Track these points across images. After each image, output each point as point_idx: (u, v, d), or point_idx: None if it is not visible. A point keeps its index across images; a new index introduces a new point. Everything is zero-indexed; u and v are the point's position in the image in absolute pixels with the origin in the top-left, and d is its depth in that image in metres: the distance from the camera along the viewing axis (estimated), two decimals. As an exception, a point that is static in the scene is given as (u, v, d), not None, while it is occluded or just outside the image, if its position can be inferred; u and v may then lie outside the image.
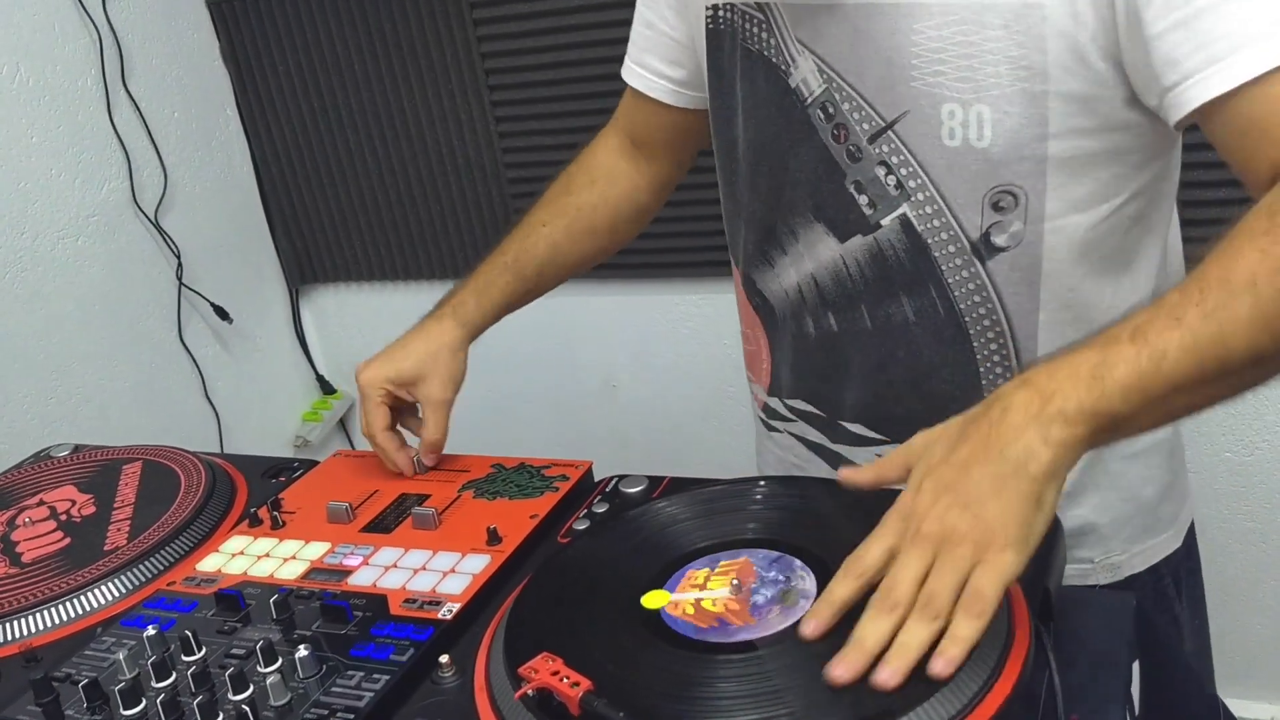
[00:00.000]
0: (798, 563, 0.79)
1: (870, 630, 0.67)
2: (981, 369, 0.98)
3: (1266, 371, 0.72)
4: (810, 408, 1.10)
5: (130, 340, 2.07)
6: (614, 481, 1.01)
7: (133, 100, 2.05)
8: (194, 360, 2.19)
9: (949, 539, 0.68)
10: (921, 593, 0.67)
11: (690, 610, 0.76)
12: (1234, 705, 1.01)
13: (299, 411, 2.49)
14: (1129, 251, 0.95)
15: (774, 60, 0.97)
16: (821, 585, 0.76)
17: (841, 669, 0.66)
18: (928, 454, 0.73)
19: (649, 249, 1.99)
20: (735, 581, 0.78)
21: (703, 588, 0.78)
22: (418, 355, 1.13)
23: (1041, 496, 0.69)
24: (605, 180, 1.22)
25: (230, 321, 2.25)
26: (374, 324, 2.47)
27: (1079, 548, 1.03)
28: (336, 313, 2.51)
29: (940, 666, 0.65)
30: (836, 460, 1.08)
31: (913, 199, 0.93)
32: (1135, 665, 0.81)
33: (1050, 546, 0.81)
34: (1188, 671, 0.92)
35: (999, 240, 0.92)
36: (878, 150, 0.93)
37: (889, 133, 0.91)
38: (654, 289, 2.15)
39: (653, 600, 0.78)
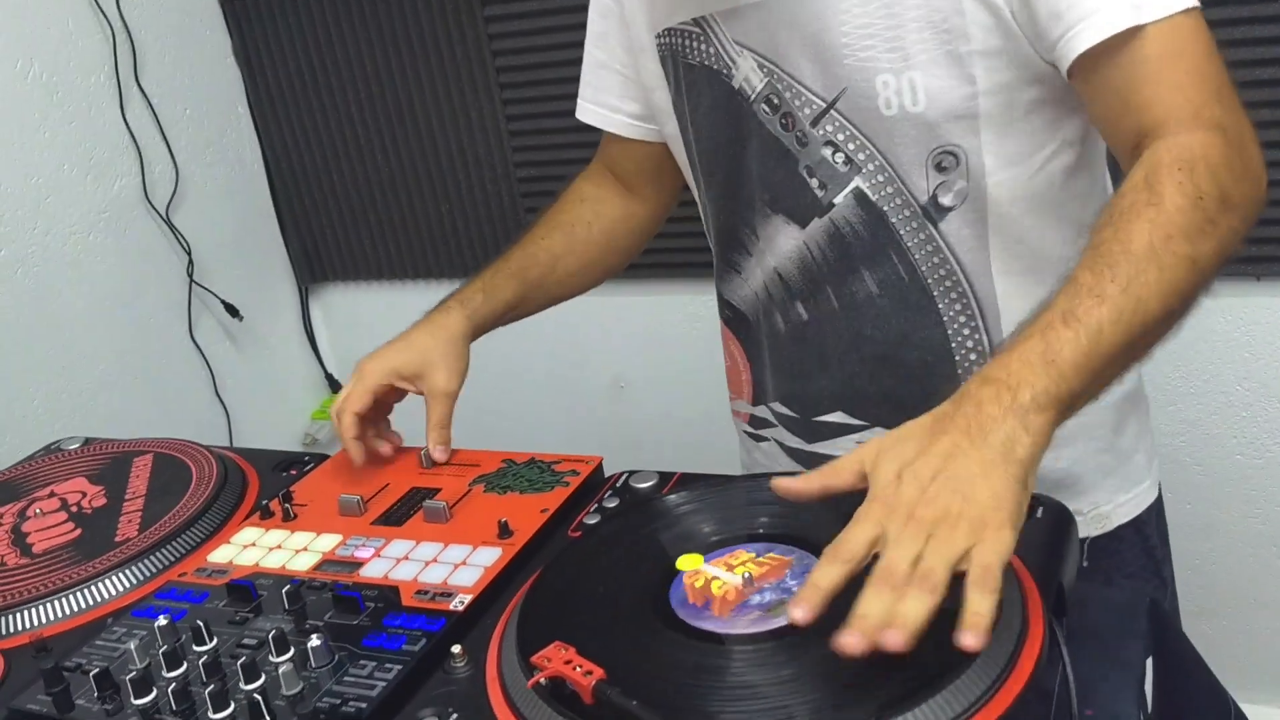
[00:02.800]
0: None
1: (873, 605, 0.66)
2: (949, 330, 1.01)
3: (1170, 328, 0.80)
4: (785, 409, 1.12)
5: (141, 337, 2.07)
6: (624, 477, 1.01)
7: (145, 97, 2.06)
8: (204, 357, 2.19)
9: (943, 521, 0.68)
10: (918, 570, 0.67)
11: (699, 584, 0.77)
12: (1242, 709, 1.02)
13: (308, 409, 2.49)
14: (1069, 199, 0.99)
15: (715, 67, 1.01)
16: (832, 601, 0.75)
17: (851, 639, 0.65)
18: (896, 452, 0.73)
19: (660, 248, 1.96)
20: (747, 574, 0.78)
21: (732, 569, 0.78)
22: (423, 347, 1.13)
23: (1026, 480, 0.72)
24: (594, 199, 1.27)
25: (240, 319, 2.26)
26: (383, 323, 2.44)
27: (1068, 500, 1.02)
28: (346, 311, 2.51)
29: (972, 639, 0.64)
30: (814, 462, 1.08)
31: (863, 170, 0.97)
32: (1149, 662, 0.81)
33: (1063, 541, 0.81)
34: (1201, 669, 0.92)
35: (945, 200, 0.97)
36: (821, 132, 0.97)
37: (831, 112, 0.96)
38: (664, 288, 2.15)
39: (685, 563, 0.80)
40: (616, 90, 1.18)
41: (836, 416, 1.08)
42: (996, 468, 0.70)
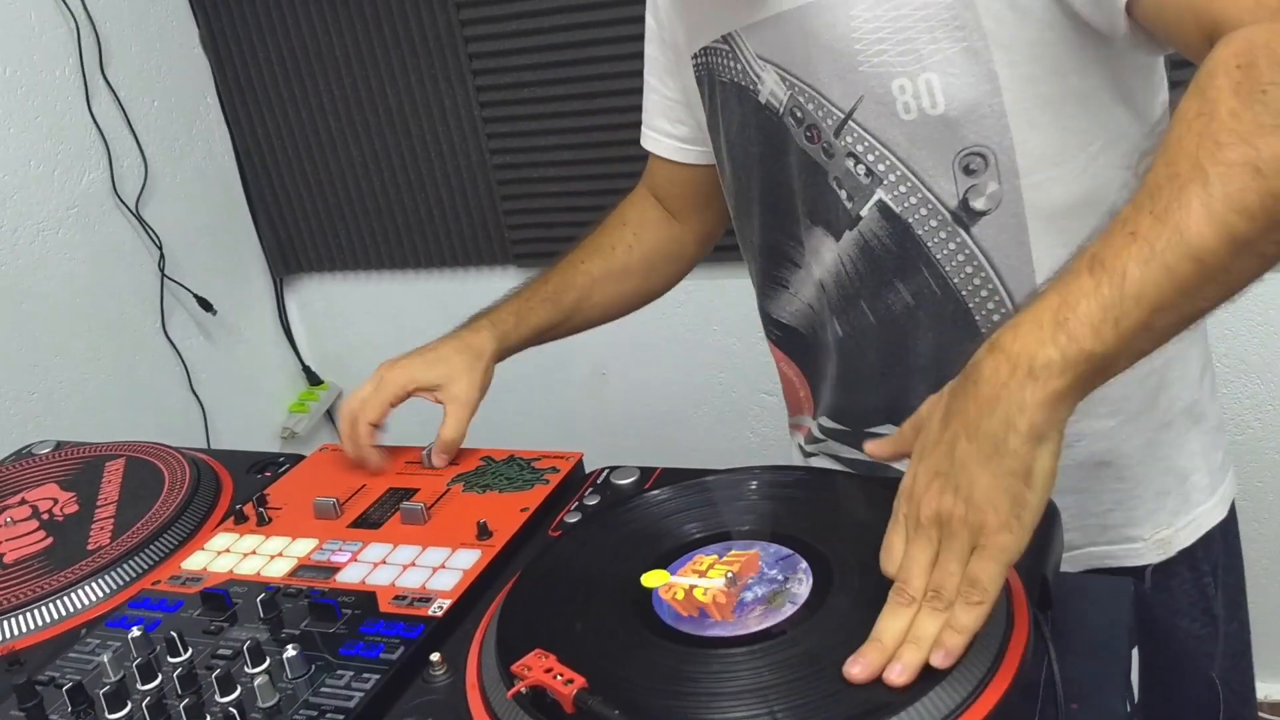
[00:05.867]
0: (803, 564, 0.77)
1: (890, 627, 0.66)
2: None
3: (1256, 257, 0.65)
4: (833, 423, 1.10)
5: (113, 333, 2.04)
6: (605, 473, 1.00)
7: (111, 89, 2.02)
8: (178, 353, 2.16)
9: (946, 524, 0.67)
10: (930, 583, 0.67)
11: (680, 596, 0.75)
12: (1266, 689, 0.98)
13: (285, 403, 2.47)
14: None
15: (743, 84, 1.00)
16: (819, 590, 0.74)
17: (859, 669, 0.65)
18: (926, 429, 0.71)
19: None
20: (730, 574, 0.77)
21: (703, 574, 0.77)
22: (447, 360, 1.12)
23: (1031, 468, 0.66)
24: (637, 223, 1.25)
25: (214, 313, 2.23)
26: (360, 313, 2.45)
27: (1127, 525, 1.02)
28: (322, 302, 2.49)
29: (939, 659, 0.64)
30: (872, 472, 1.07)
31: (884, 181, 0.93)
32: (1135, 652, 0.80)
33: (1046, 535, 0.80)
34: (1187, 656, 0.91)
35: (977, 204, 0.92)
36: (843, 143, 0.94)
37: (850, 123, 0.93)
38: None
39: (652, 579, 0.78)
40: (664, 113, 1.17)
41: (886, 429, 1.04)
42: (990, 461, 0.66)
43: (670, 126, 1.18)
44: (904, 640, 0.66)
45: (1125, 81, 0.90)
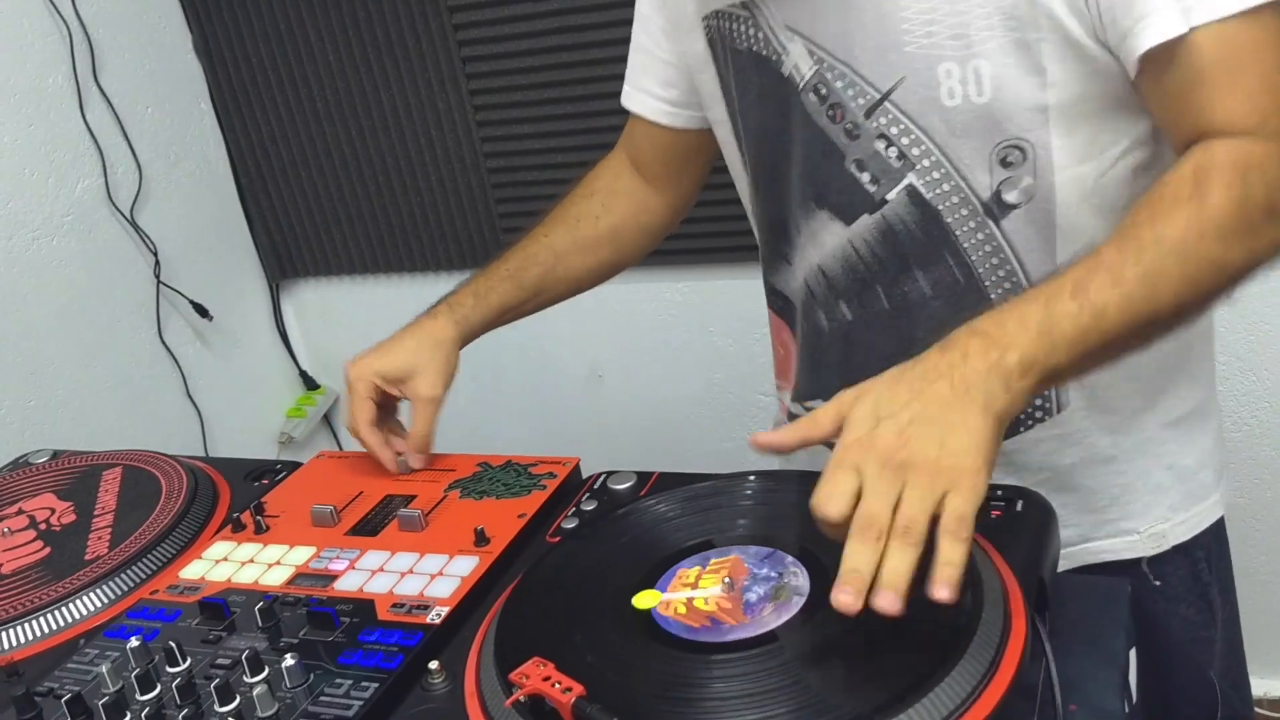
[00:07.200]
0: (789, 558, 0.78)
1: (863, 560, 0.67)
2: None
3: (1181, 324, 0.79)
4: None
5: (109, 341, 2.04)
6: (602, 478, 1.00)
7: (105, 96, 2.02)
8: (175, 359, 2.16)
9: (920, 467, 0.69)
10: (899, 520, 0.67)
11: (682, 610, 0.75)
12: (1265, 686, 1.00)
13: (283, 408, 2.47)
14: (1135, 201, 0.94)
15: (763, 53, 0.97)
16: (814, 580, 0.75)
17: (847, 596, 0.66)
18: (875, 396, 0.73)
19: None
20: (727, 579, 0.77)
21: (694, 586, 0.77)
22: (409, 350, 1.11)
23: (998, 436, 0.72)
24: (605, 193, 1.22)
25: (210, 319, 2.23)
26: (356, 318, 2.45)
27: (1124, 519, 1.03)
28: (318, 307, 2.49)
29: (945, 592, 0.65)
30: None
31: (917, 167, 0.93)
32: (1132, 652, 0.81)
33: (1044, 536, 0.81)
34: (1184, 656, 0.92)
35: (1010, 197, 0.92)
36: (875, 124, 0.93)
37: (885, 104, 0.91)
38: (640, 277, 2.13)
39: (644, 600, 0.77)
40: (654, 75, 1.14)
41: None
42: (974, 418, 0.70)
43: (660, 89, 1.14)
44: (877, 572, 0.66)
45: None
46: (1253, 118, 0.79)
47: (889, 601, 0.65)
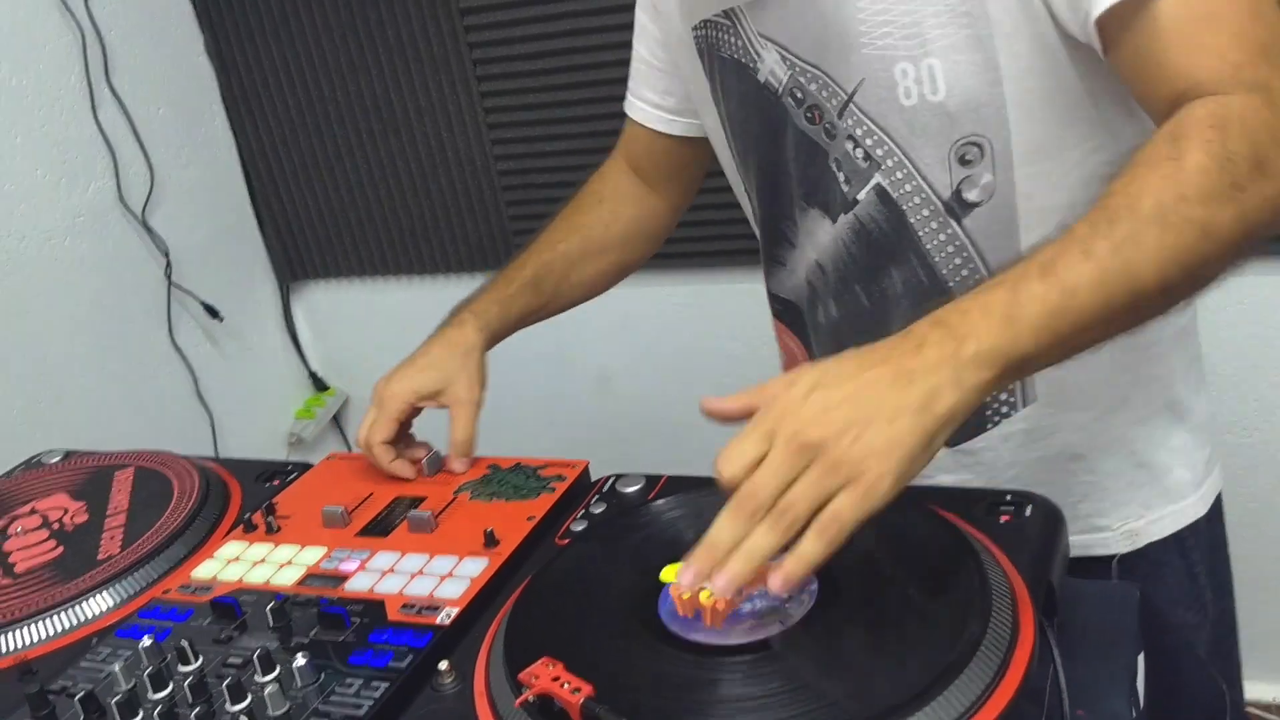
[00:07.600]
0: (815, 585, 0.76)
1: (725, 535, 0.66)
2: None
3: (1171, 302, 0.73)
4: None
5: (121, 342, 2.05)
6: (611, 481, 1.00)
7: (117, 98, 2.03)
8: (185, 360, 2.17)
9: (827, 453, 0.66)
10: (780, 501, 0.65)
11: (686, 595, 0.75)
12: (1266, 689, 0.99)
13: (292, 409, 2.48)
14: None
15: (743, 60, 0.99)
16: (822, 582, 0.74)
17: (688, 575, 0.66)
18: (821, 370, 0.71)
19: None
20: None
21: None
22: (440, 362, 1.12)
23: (934, 438, 0.67)
24: (613, 198, 1.25)
25: (221, 320, 2.24)
26: (366, 319, 2.46)
27: (1096, 515, 1.03)
28: (328, 309, 2.49)
29: (777, 583, 0.64)
30: None
31: (882, 167, 0.93)
32: (1140, 657, 0.81)
33: (1052, 540, 0.81)
34: (1192, 661, 0.92)
35: (971, 195, 0.92)
36: (845, 124, 0.94)
37: (851, 105, 0.92)
38: (650, 280, 2.13)
39: (670, 574, 0.77)
40: (651, 83, 1.17)
41: None
42: (906, 415, 0.66)
43: (657, 97, 1.17)
44: (734, 549, 0.66)
45: (1124, 86, 0.90)
46: (1226, 71, 0.74)
47: (722, 584, 0.63)
